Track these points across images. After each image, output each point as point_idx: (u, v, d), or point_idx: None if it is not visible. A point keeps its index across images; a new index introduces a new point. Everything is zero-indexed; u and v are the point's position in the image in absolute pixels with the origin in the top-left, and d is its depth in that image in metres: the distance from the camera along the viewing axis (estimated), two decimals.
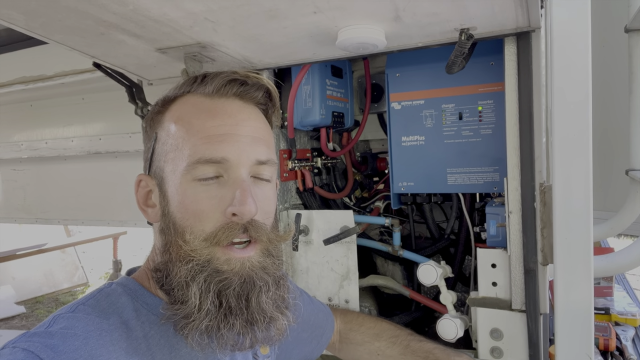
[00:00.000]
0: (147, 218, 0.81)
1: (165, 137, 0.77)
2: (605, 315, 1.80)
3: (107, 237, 6.56)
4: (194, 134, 0.74)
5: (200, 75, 0.79)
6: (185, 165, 0.73)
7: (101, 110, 2.32)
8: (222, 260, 0.72)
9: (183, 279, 0.71)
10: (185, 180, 0.73)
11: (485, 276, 1.13)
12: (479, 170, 1.22)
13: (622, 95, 1.44)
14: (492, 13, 0.90)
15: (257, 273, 0.73)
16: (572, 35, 0.89)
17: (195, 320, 0.69)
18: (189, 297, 0.70)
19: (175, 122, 0.77)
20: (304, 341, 1.08)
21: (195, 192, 0.73)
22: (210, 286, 0.70)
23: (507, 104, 1.05)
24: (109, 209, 2.45)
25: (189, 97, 0.79)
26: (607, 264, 1.32)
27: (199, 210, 0.72)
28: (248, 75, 0.79)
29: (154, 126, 0.81)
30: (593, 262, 0.91)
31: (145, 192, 0.80)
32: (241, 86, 0.78)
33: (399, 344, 1.13)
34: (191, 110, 0.77)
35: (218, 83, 0.77)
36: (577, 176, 0.91)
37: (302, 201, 1.44)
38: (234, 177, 0.74)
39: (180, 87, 0.80)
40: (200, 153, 0.72)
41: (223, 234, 0.71)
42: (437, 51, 1.15)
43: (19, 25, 0.97)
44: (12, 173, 2.75)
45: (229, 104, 0.77)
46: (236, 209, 0.71)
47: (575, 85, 0.90)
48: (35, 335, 0.65)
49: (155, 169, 0.79)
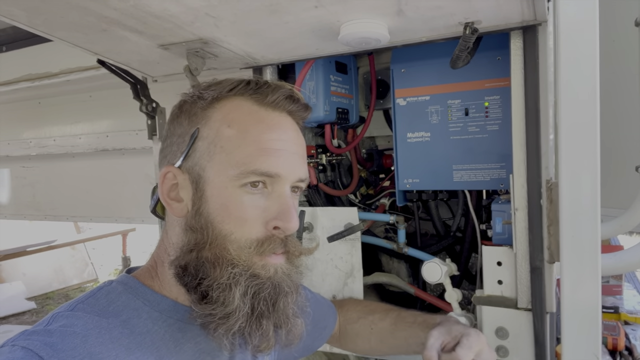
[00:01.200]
0: (171, 211, 0.78)
1: (213, 136, 0.75)
2: (614, 314, 1.78)
3: (116, 233, 6.63)
4: (250, 143, 0.74)
5: (252, 80, 0.79)
6: (237, 172, 0.73)
7: (108, 108, 2.34)
8: (259, 266, 0.74)
9: (225, 281, 0.72)
10: (232, 185, 0.74)
11: (491, 274, 1.12)
12: (486, 167, 1.21)
13: (631, 90, 1.42)
14: (497, 6, 0.88)
15: (285, 280, 0.76)
16: (580, 28, 0.87)
17: (231, 320, 0.71)
18: (229, 299, 0.71)
19: (230, 125, 0.76)
20: (307, 334, 1.08)
21: (241, 200, 0.74)
22: (248, 290, 0.72)
23: (513, 99, 1.03)
24: (116, 206, 2.47)
25: (240, 100, 0.78)
26: (615, 262, 1.30)
27: (243, 218, 0.74)
28: (297, 94, 0.81)
29: (195, 120, 0.78)
30: (601, 260, 0.90)
31: (170, 184, 0.78)
32: (294, 104, 0.80)
33: (391, 315, 1.16)
34: (247, 118, 0.76)
35: (276, 96, 0.78)
36: (585, 173, 0.89)
37: (306, 198, 1.44)
38: (278, 191, 0.76)
39: (227, 84, 0.79)
40: (257, 164, 0.74)
41: (268, 247, 0.74)
42: (442, 46, 1.14)
43: (22, 22, 0.97)
44: (22, 170, 2.78)
45: (283, 119, 0.79)
46: (281, 224, 0.75)
47: (582, 80, 0.88)
48: (34, 334, 0.65)
49: (192, 164, 0.76)
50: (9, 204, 2.88)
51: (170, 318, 0.76)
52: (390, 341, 1.14)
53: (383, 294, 1.53)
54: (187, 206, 0.77)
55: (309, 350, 1.13)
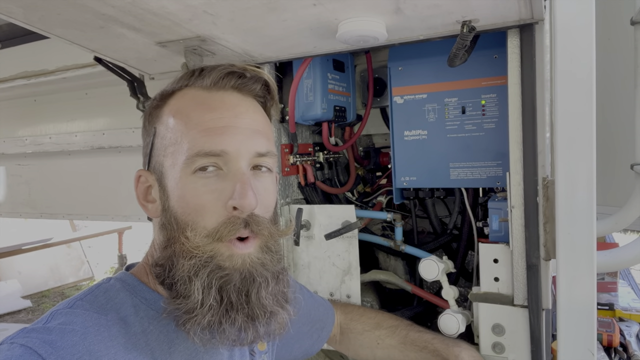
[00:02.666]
0: (147, 213, 0.80)
1: (164, 131, 0.77)
2: (609, 311, 1.79)
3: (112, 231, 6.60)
4: (192, 127, 0.73)
5: (198, 68, 0.79)
6: (184, 158, 0.72)
7: (104, 105, 2.33)
8: (225, 256, 0.71)
9: (186, 273, 0.70)
10: (184, 174, 0.73)
11: (487, 271, 1.12)
12: (482, 165, 1.21)
13: (627, 89, 1.43)
14: (494, 4, 0.88)
15: (256, 269, 0.73)
16: (576, 27, 0.87)
17: (198, 315, 0.69)
18: (191, 292, 0.70)
19: (174, 115, 0.76)
20: (304, 335, 1.08)
21: (195, 187, 0.72)
22: (212, 282, 0.70)
23: (510, 98, 1.04)
24: (112, 204, 2.46)
25: (187, 90, 0.78)
26: (610, 259, 1.31)
27: (200, 205, 0.72)
28: (246, 68, 0.78)
29: (153, 121, 0.80)
30: (596, 257, 0.90)
31: (145, 187, 0.80)
32: (239, 79, 0.78)
33: (399, 333, 1.15)
34: (189, 104, 0.76)
35: (216, 76, 0.76)
36: (581, 170, 0.90)
37: (303, 196, 1.44)
38: (233, 170, 0.73)
39: (178, 80, 0.80)
40: (200, 146, 0.72)
41: (225, 230, 0.71)
42: (440, 44, 1.14)
43: (19, 19, 0.96)
44: (17, 168, 2.76)
45: (227, 97, 0.77)
46: (237, 202, 0.71)
47: (579, 78, 0.88)
48: (33, 331, 0.65)
49: (154, 163, 0.78)
50: (5, 202, 2.86)
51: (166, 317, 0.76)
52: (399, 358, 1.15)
53: (380, 291, 1.54)
54: (159, 206, 0.77)
55: (309, 353, 1.13)
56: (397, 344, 1.14)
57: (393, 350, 1.15)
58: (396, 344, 1.14)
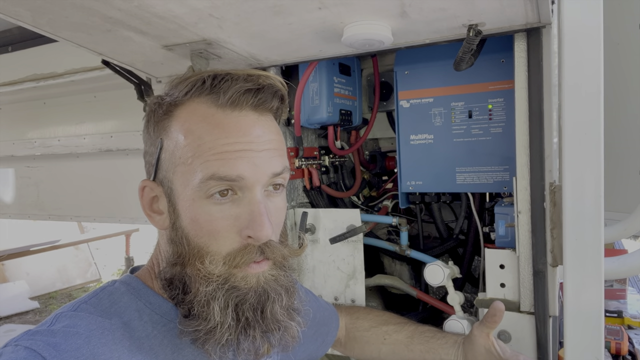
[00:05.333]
0: (153, 224, 0.78)
1: (173, 147, 0.73)
2: (617, 319, 1.77)
3: (120, 234, 6.64)
4: (205, 150, 0.70)
5: (208, 76, 0.73)
6: (197, 182, 0.70)
7: (112, 108, 2.34)
8: (239, 277, 0.71)
9: (203, 297, 0.70)
10: (197, 197, 0.71)
11: (494, 277, 1.11)
12: (489, 170, 1.20)
13: (635, 93, 1.41)
14: (501, 8, 0.88)
15: (270, 285, 0.73)
16: (584, 31, 0.86)
17: (217, 335, 0.70)
18: (210, 315, 0.70)
19: (185, 135, 0.72)
20: (309, 338, 1.08)
21: (210, 212, 0.70)
22: (228, 302, 0.70)
23: (517, 102, 1.03)
24: (120, 206, 2.47)
25: (197, 104, 0.73)
26: (618, 266, 1.29)
27: (214, 230, 0.71)
28: (261, 83, 0.73)
29: (158, 131, 0.76)
30: (604, 263, 0.89)
31: (150, 197, 0.78)
32: (256, 96, 0.73)
33: (407, 329, 1.15)
34: (202, 125, 0.71)
35: (232, 95, 0.71)
36: (588, 176, 0.89)
37: (309, 199, 1.44)
38: (249, 197, 0.71)
39: (185, 86, 0.74)
40: (214, 169, 0.69)
41: (242, 259, 0.71)
42: (446, 48, 1.14)
43: (27, 22, 0.97)
44: (26, 170, 2.79)
45: (242, 118, 0.72)
46: (253, 232, 0.70)
47: (586, 83, 0.88)
48: (37, 334, 0.65)
49: (162, 177, 0.75)
50: (13, 204, 2.89)
51: (171, 322, 0.76)
52: (404, 353, 1.14)
53: (385, 296, 1.53)
54: (167, 219, 0.76)
55: (313, 357, 1.12)
56: (404, 338, 1.13)
57: (399, 345, 1.14)
58: (403, 338, 1.13)
